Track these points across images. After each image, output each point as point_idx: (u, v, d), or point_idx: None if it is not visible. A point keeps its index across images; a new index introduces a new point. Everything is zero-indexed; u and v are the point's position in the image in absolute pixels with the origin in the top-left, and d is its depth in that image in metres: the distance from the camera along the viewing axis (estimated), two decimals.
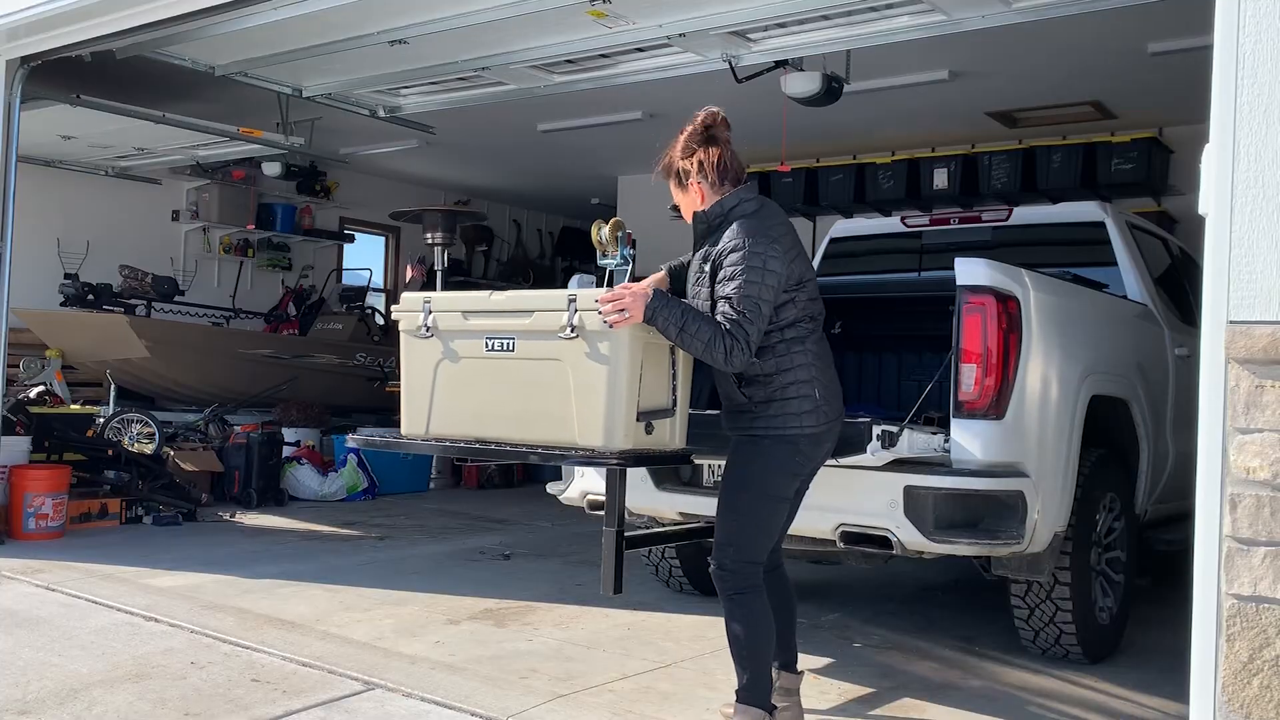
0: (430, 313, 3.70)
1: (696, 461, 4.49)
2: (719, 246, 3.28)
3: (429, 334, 3.69)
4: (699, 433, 3.80)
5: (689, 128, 3.41)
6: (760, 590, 3.33)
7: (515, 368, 3.48)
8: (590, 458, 3.33)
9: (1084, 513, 4.38)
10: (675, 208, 3.55)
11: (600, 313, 3.22)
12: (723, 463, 4.44)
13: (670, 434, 3.49)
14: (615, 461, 3.32)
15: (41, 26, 6.31)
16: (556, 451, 3.38)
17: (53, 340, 9.55)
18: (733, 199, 3.33)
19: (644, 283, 3.47)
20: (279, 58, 7.01)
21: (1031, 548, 4.02)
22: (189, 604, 5.14)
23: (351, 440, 4.24)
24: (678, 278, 3.61)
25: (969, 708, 3.98)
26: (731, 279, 3.18)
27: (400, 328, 3.81)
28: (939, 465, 3.94)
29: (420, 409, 3.68)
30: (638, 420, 3.32)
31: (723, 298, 3.19)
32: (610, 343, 3.26)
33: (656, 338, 3.31)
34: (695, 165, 3.37)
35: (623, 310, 3.20)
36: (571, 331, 3.33)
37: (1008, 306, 3.94)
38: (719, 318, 3.17)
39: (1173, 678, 4.04)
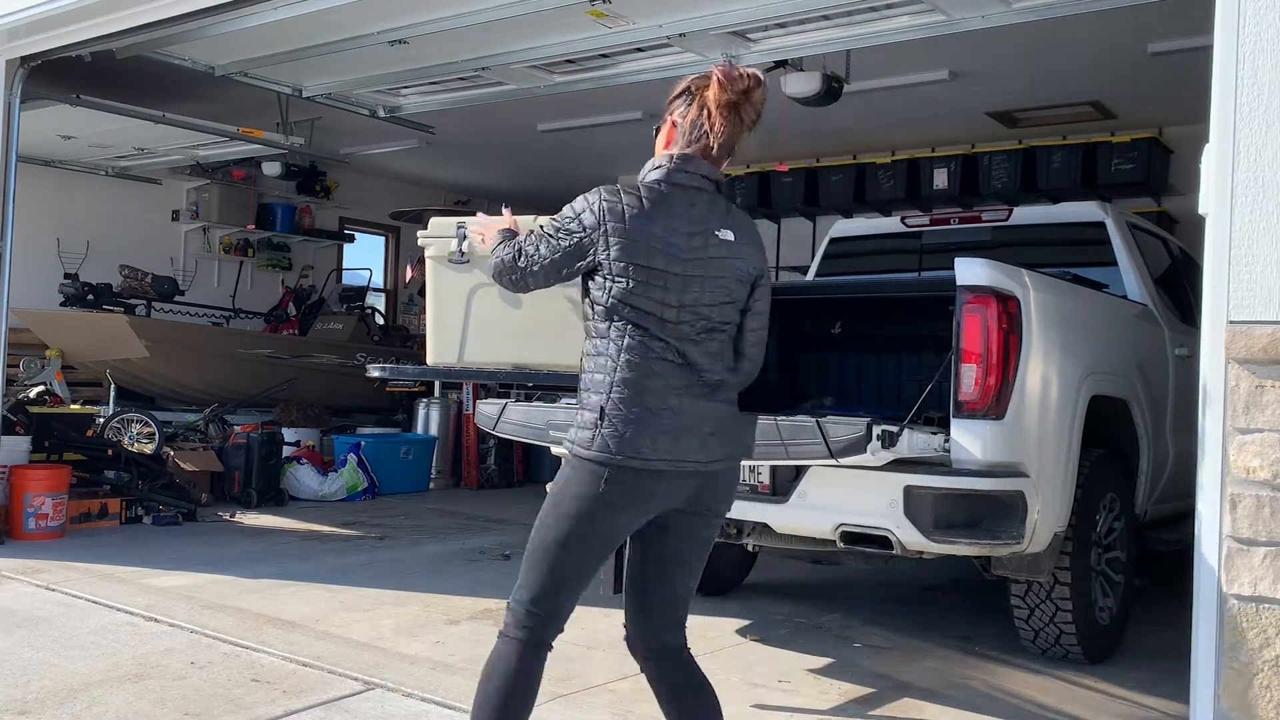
0: (465, 238, 3.58)
1: None
2: None
3: (464, 259, 3.59)
4: None
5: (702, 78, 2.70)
6: (512, 645, 2.59)
7: (568, 293, 3.37)
8: None
9: (1084, 513, 4.38)
10: None
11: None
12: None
13: None
14: None
15: (41, 26, 6.31)
16: None
17: (53, 340, 9.55)
18: (656, 161, 2.69)
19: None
20: (279, 58, 7.01)
21: (1031, 548, 4.01)
22: (189, 604, 5.14)
23: (375, 371, 4.12)
24: None
25: (969, 708, 3.98)
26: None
27: (427, 255, 3.67)
28: (939, 465, 3.94)
29: (451, 339, 3.61)
30: None
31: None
32: None
33: None
34: (676, 109, 2.70)
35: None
36: None
37: (1008, 306, 3.94)
38: None
39: (1173, 678, 4.04)
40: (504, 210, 3.20)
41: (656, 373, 2.55)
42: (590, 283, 2.64)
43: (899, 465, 3.91)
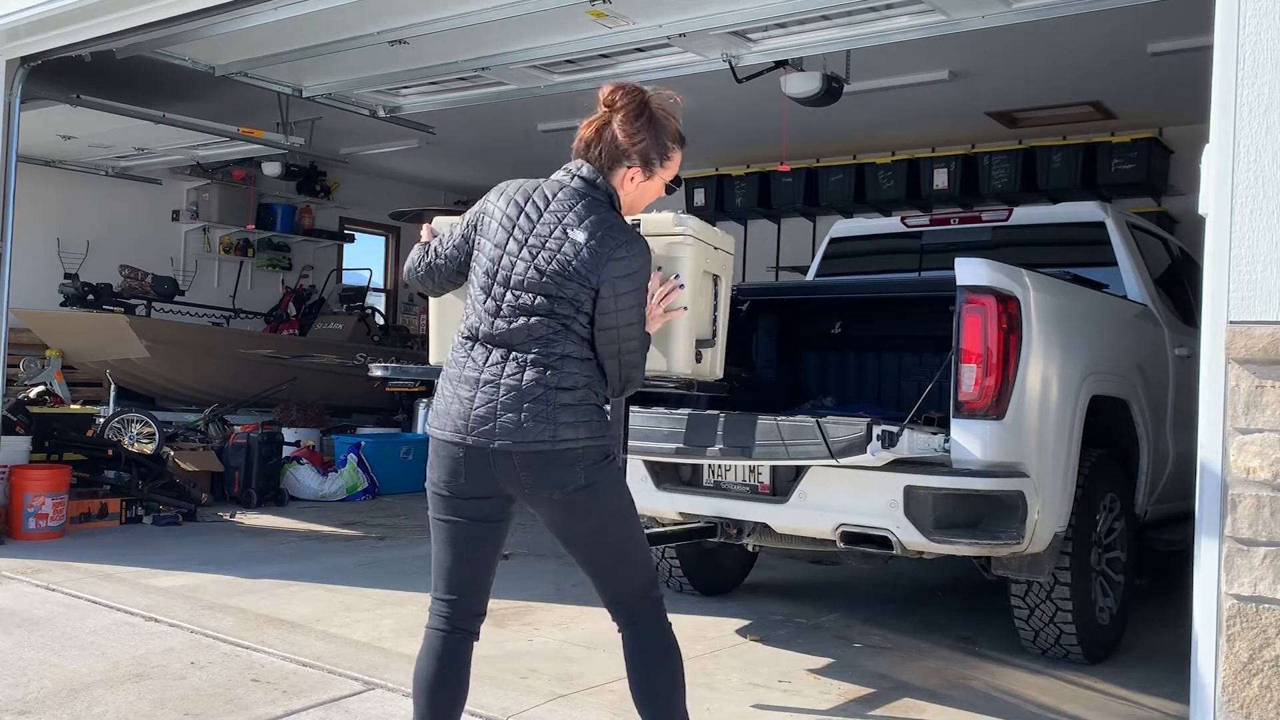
0: None
1: (696, 462, 4.50)
2: None
3: None
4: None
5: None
6: (433, 636, 2.73)
7: None
8: (651, 381, 3.30)
9: (1084, 513, 4.38)
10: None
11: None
12: (724, 463, 4.48)
13: (711, 364, 3.49)
14: (673, 385, 3.35)
15: (41, 26, 6.31)
16: None
17: (53, 340, 9.55)
18: None
19: None
20: (279, 58, 7.01)
21: (1031, 548, 4.02)
22: (189, 604, 5.14)
23: (377, 370, 4.10)
24: None
25: (969, 708, 3.97)
26: None
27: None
28: (939, 465, 3.94)
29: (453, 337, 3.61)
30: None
31: None
32: (678, 268, 3.23)
33: (710, 266, 3.30)
34: None
35: None
36: None
37: (1008, 306, 3.94)
38: None
39: (1173, 678, 4.05)
40: (422, 231, 3.18)
41: (469, 352, 2.68)
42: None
43: (899, 465, 3.91)
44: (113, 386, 9.44)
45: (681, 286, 3.06)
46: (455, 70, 7.15)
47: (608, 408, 2.74)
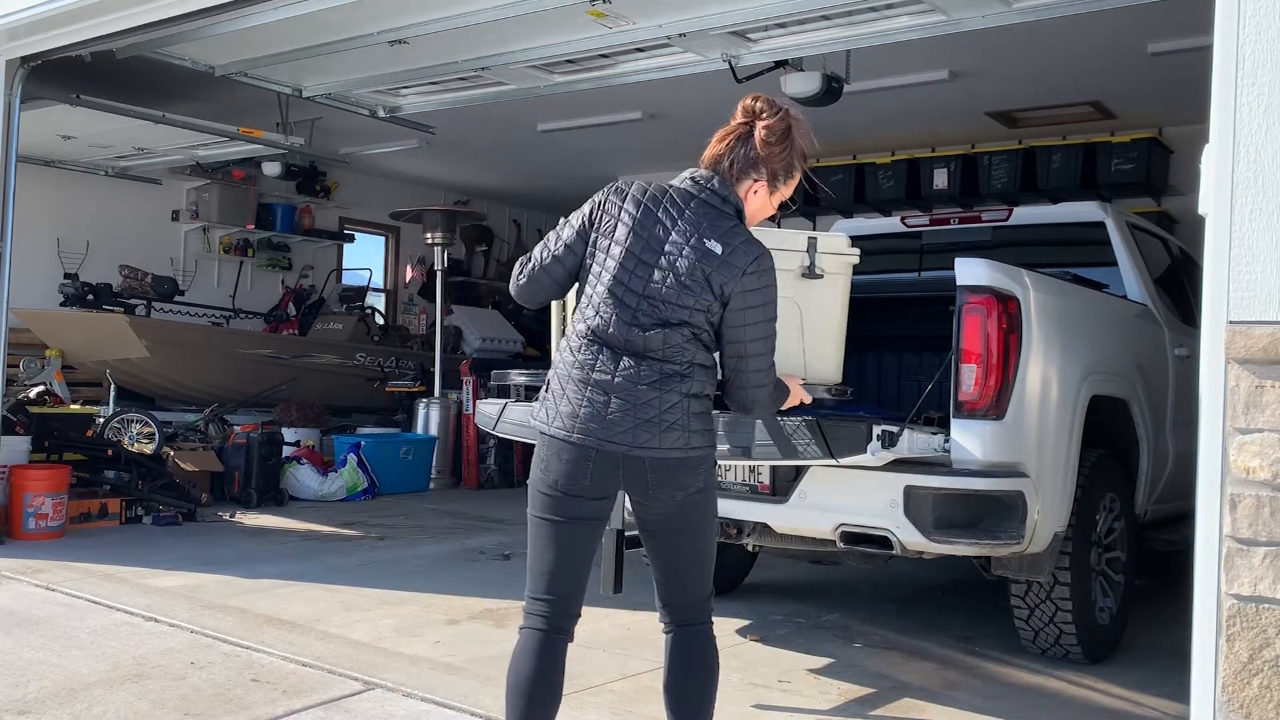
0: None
1: None
2: None
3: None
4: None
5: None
6: (531, 637, 2.78)
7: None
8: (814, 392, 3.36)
9: (1084, 513, 4.38)
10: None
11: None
12: (723, 463, 4.48)
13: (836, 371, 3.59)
14: (830, 394, 3.43)
15: (41, 26, 6.31)
16: None
17: (53, 340, 9.55)
18: None
19: None
20: (279, 58, 7.01)
21: (1031, 548, 4.02)
22: (189, 604, 5.14)
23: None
24: None
25: (968, 708, 3.98)
26: None
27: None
28: (939, 465, 3.94)
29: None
30: None
31: None
32: (838, 284, 3.25)
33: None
34: None
35: None
36: (814, 271, 3.34)
37: (1008, 306, 3.94)
38: None
39: (1173, 678, 4.04)
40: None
41: (596, 355, 2.66)
42: (581, 267, 2.79)
43: (899, 465, 3.91)
44: (113, 386, 9.45)
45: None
46: (455, 70, 7.16)
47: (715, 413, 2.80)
